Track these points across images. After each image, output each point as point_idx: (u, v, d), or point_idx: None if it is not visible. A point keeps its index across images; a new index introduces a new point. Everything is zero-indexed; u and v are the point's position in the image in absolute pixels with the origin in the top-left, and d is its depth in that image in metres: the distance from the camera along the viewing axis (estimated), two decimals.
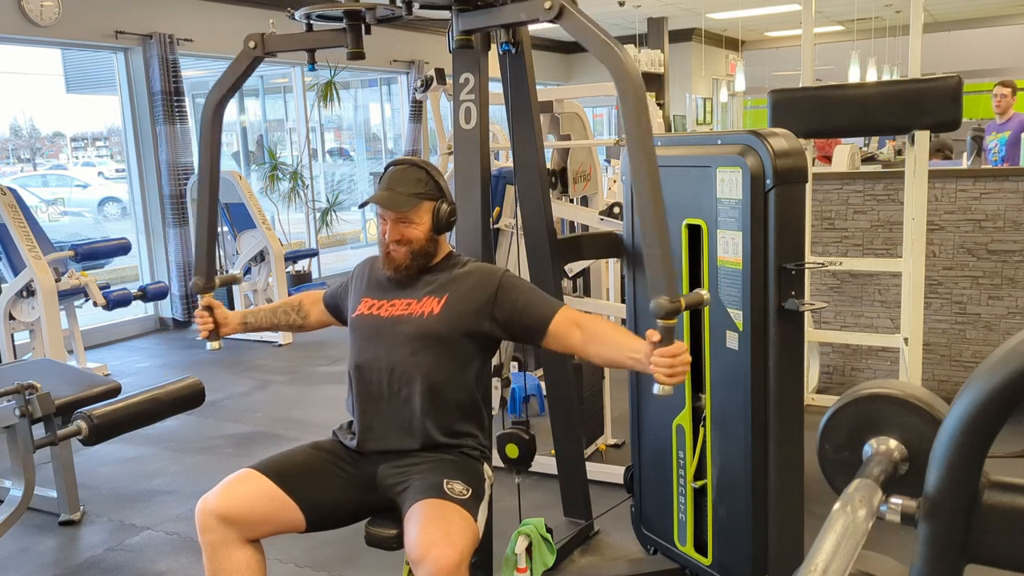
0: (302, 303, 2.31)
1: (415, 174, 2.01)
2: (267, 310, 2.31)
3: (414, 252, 2.00)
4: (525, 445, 2.35)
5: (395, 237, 1.99)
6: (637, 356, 1.76)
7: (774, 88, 3.55)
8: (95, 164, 11.82)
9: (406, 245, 1.99)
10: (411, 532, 1.73)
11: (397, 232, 1.99)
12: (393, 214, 1.98)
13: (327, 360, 5.58)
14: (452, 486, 1.83)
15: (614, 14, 10.37)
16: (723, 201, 2.09)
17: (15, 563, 2.94)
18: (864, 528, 0.80)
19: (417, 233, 1.99)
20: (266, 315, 2.30)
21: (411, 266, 2.01)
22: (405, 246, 1.99)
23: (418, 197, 1.99)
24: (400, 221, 1.99)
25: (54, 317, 4.80)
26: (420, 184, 2.00)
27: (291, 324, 2.30)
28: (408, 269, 2.02)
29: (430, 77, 3.53)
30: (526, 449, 2.35)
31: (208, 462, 3.84)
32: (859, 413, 0.97)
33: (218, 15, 6.90)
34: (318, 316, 2.31)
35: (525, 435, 2.34)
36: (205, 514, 1.83)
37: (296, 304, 2.31)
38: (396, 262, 2.01)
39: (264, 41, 2.15)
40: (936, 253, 4.08)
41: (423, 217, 2.00)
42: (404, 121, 9.21)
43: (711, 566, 2.29)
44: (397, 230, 1.99)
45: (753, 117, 12.32)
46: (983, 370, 0.75)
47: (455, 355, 1.97)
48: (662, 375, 1.66)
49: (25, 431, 2.36)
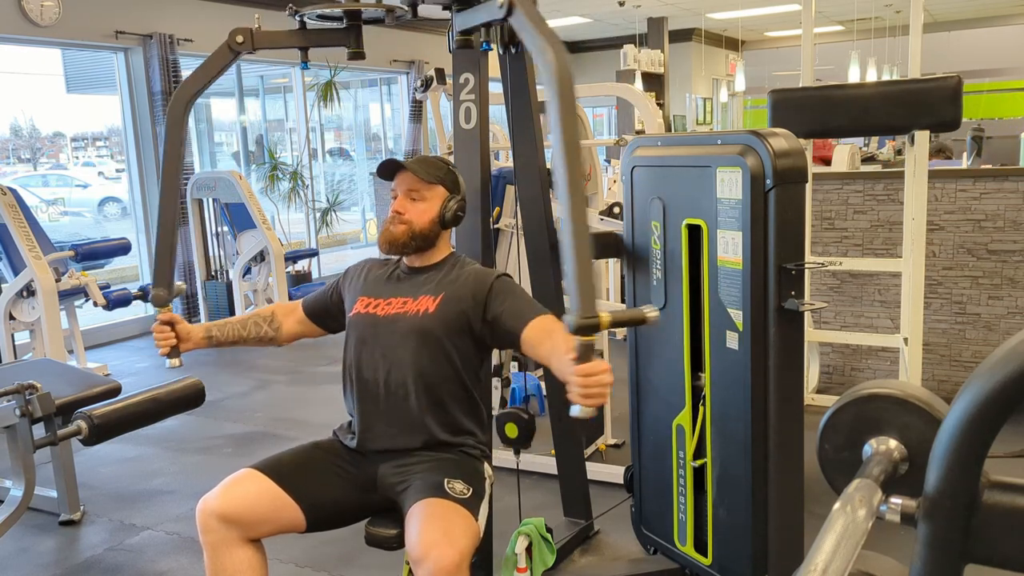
0: (275, 314, 2.20)
1: (438, 162, 2.06)
2: (235, 322, 2.16)
3: (413, 232, 2.00)
4: (524, 424, 2.33)
5: (400, 209, 2.00)
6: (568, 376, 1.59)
7: (774, 88, 3.55)
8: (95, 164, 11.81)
9: (407, 223, 2.00)
10: (411, 531, 1.73)
11: (404, 205, 2.01)
12: (407, 184, 2.01)
13: (327, 360, 5.58)
14: (453, 485, 1.83)
15: (614, 14, 10.37)
16: (723, 201, 2.09)
17: (15, 563, 2.94)
18: (864, 528, 0.80)
19: (422, 214, 2.01)
20: (233, 328, 2.15)
21: (408, 245, 2.01)
22: (406, 224, 2.00)
23: (437, 179, 2.02)
24: (411, 195, 2.01)
25: (54, 317, 4.80)
26: (442, 171, 2.04)
27: (261, 337, 2.17)
28: (404, 248, 2.01)
29: (430, 77, 3.53)
30: (525, 428, 2.34)
31: (208, 462, 3.84)
32: (859, 413, 0.97)
33: (218, 15, 6.90)
34: (291, 327, 2.21)
35: (524, 415, 2.33)
36: (206, 514, 1.83)
37: (268, 315, 2.19)
38: (392, 236, 2.00)
39: (253, 36, 2.09)
40: (936, 253, 4.08)
41: (434, 200, 2.02)
42: (404, 121, 9.21)
43: (711, 566, 2.29)
44: (404, 203, 2.01)
45: (753, 117, 12.32)
46: (983, 370, 0.75)
47: (451, 353, 1.97)
48: (576, 395, 1.53)
49: (25, 431, 2.35)
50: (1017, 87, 10.84)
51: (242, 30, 2.10)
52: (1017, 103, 10.87)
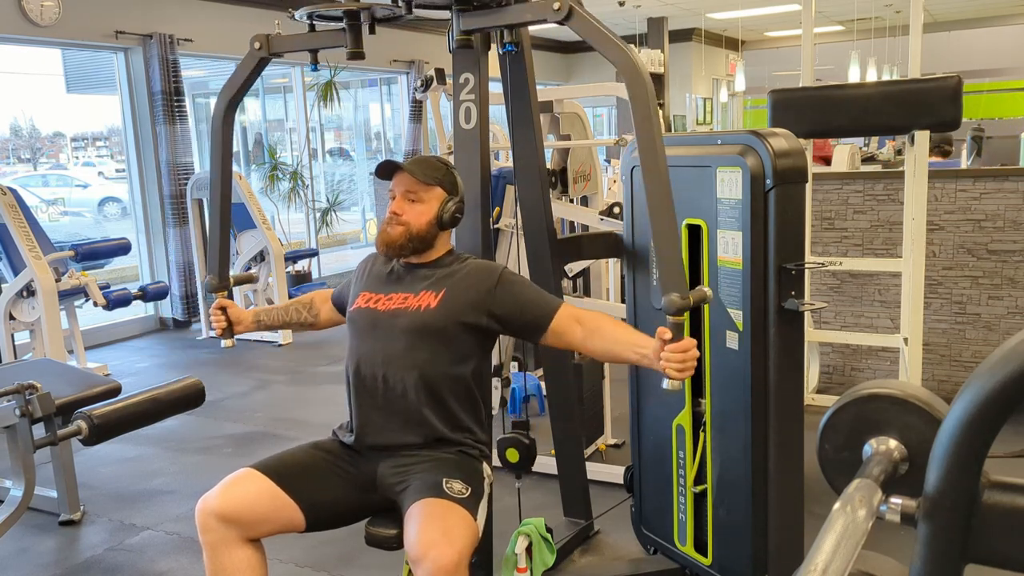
0: (313, 301, 2.33)
1: (437, 163, 2.06)
2: (280, 308, 2.33)
3: (410, 234, 2.00)
4: (525, 450, 2.35)
5: (398, 210, 2.00)
6: (643, 351, 1.78)
7: (774, 88, 3.55)
8: (95, 164, 11.82)
9: (404, 225, 1.99)
10: (410, 531, 1.73)
11: (402, 206, 2.00)
12: (405, 185, 2.00)
13: (327, 360, 5.58)
14: (451, 485, 1.83)
15: (614, 14, 10.37)
16: (723, 201, 2.09)
17: (15, 563, 2.94)
18: (864, 528, 0.80)
19: (420, 216, 2.00)
20: (278, 313, 2.31)
21: (404, 247, 2.01)
22: (403, 226, 1.99)
23: (435, 180, 2.02)
24: (409, 196, 2.00)
25: (54, 317, 4.80)
26: (440, 172, 2.04)
27: (303, 322, 2.32)
28: (401, 250, 2.01)
29: (430, 77, 3.53)
30: (526, 454, 2.35)
31: (208, 462, 3.84)
32: (859, 413, 0.97)
33: (218, 15, 6.90)
34: (328, 314, 2.32)
35: (525, 440, 2.34)
36: (205, 514, 1.83)
37: (308, 302, 2.32)
38: (389, 238, 2.00)
39: (269, 42, 2.17)
40: (936, 253, 4.08)
41: (432, 202, 2.01)
42: (404, 121, 9.21)
43: (711, 566, 2.29)
44: (402, 204, 2.01)
45: (753, 117, 12.32)
46: (983, 370, 0.75)
47: (451, 349, 1.97)
48: (673, 370, 1.69)
49: (25, 431, 2.36)
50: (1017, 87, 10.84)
51: (259, 37, 2.17)
52: (1017, 103, 10.87)
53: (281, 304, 2.35)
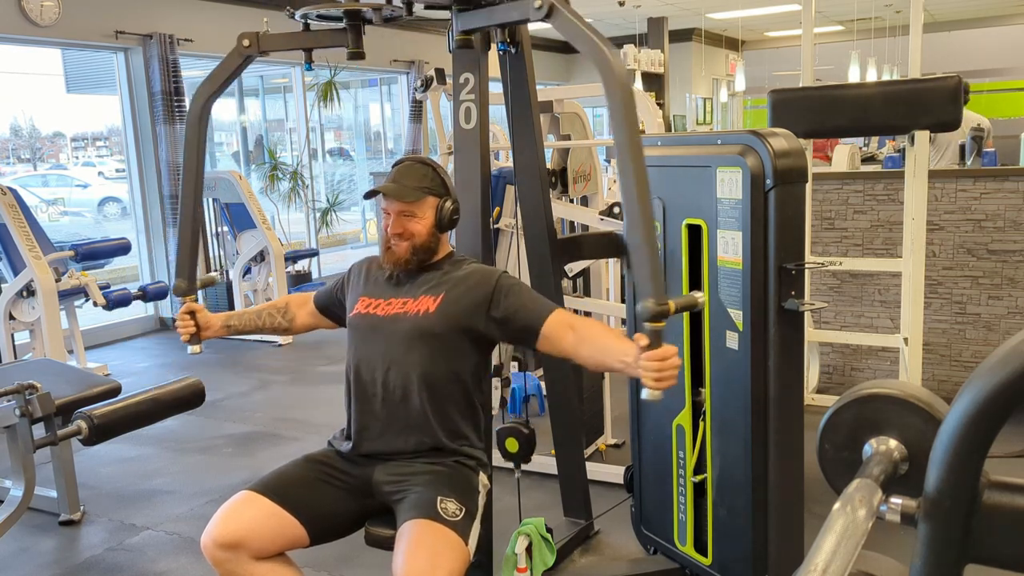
0: (288, 305, 2.28)
1: (421, 170, 2.02)
2: (251, 313, 2.26)
3: (415, 247, 2.00)
4: (525, 439, 2.34)
5: (397, 230, 1.99)
6: (627, 360, 1.71)
7: (774, 88, 3.55)
8: (95, 164, 11.81)
9: (408, 240, 1.99)
10: (398, 555, 1.72)
11: (400, 225, 1.99)
12: (397, 207, 1.98)
13: (327, 360, 5.58)
14: (445, 506, 1.81)
15: (614, 14, 10.37)
16: (723, 201, 2.09)
17: (15, 563, 2.94)
18: (864, 528, 0.80)
19: (419, 228, 1.99)
20: (250, 318, 2.25)
21: (411, 260, 2.01)
22: (407, 240, 1.99)
23: (423, 191, 1.99)
24: (403, 214, 1.99)
25: (54, 317, 4.80)
26: (426, 179, 2.01)
27: (276, 327, 2.27)
28: (408, 264, 2.01)
29: (430, 77, 3.53)
30: (526, 443, 2.35)
31: (208, 462, 3.84)
32: (859, 413, 0.97)
33: (218, 15, 6.90)
34: (304, 319, 2.28)
35: (525, 429, 2.34)
36: (211, 547, 1.80)
37: (282, 306, 2.28)
38: (396, 256, 2.00)
39: (259, 40, 2.14)
40: (936, 253, 4.08)
41: (426, 212, 2.00)
42: (404, 121, 9.21)
43: (711, 566, 2.29)
44: (400, 223, 1.99)
45: (753, 117, 12.32)
46: (983, 370, 0.75)
47: (450, 353, 1.96)
48: (650, 379, 1.61)
49: (25, 431, 2.36)
50: (1017, 87, 10.85)
51: (248, 34, 2.13)
52: (1017, 103, 10.88)
53: (253, 308, 2.29)
